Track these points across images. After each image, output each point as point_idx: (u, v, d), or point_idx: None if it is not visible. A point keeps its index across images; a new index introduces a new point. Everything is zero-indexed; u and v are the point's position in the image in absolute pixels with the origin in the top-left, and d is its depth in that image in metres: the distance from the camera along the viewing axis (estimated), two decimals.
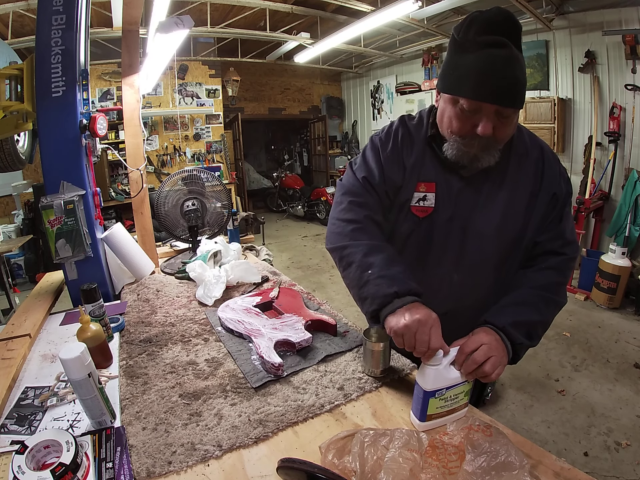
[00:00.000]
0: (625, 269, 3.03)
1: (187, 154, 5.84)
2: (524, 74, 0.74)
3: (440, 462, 0.59)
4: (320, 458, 0.63)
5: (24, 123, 1.33)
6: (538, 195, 0.86)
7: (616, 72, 3.53)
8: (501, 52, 0.70)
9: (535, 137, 0.91)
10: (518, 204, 0.86)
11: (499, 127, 0.75)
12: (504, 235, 0.87)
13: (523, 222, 0.87)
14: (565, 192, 0.88)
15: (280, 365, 0.87)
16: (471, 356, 0.68)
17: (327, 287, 3.92)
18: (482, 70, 0.71)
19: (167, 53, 1.68)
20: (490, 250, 0.89)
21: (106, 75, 5.14)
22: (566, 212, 0.89)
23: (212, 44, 5.57)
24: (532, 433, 1.88)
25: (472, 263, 0.90)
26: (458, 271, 0.91)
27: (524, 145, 0.88)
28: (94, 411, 0.72)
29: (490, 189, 0.86)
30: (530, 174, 0.86)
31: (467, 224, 0.87)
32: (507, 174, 0.86)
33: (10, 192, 4.58)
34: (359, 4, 3.75)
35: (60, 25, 1.24)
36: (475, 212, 0.87)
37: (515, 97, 0.72)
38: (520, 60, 0.72)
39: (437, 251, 0.90)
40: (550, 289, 0.83)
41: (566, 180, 0.90)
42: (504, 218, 0.86)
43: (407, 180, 0.90)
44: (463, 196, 0.87)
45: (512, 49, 0.70)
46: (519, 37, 0.73)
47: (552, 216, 0.87)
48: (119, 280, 1.51)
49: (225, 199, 1.83)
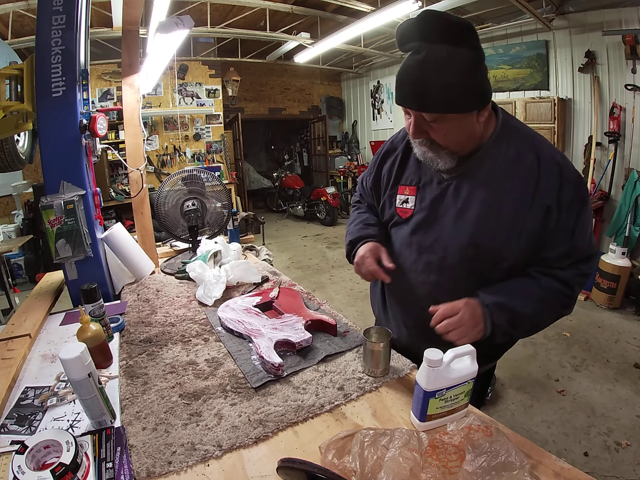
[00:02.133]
0: (625, 269, 3.03)
1: (187, 154, 5.84)
2: (446, 75, 0.70)
3: (440, 462, 0.59)
4: (320, 458, 0.63)
5: (24, 123, 1.33)
6: (531, 205, 0.79)
7: (616, 72, 3.53)
8: (416, 58, 0.70)
9: (534, 141, 0.82)
10: (502, 213, 0.80)
11: (432, 130, 0.77)
12: (481, 244, 0.83)
13: (508, 231, 0.80)
14: (570, 201, 0.78)
15: (280, 365, 0.87)
16: (445, 322, 0.77)
17: (327, 287, 3.92)
18: (398, 77, 0.74)
19: (167, 53, 1.68)
20: (465, 258, 0.85)
21: (106, 75, 5.14)
22: (580, 222, 0.80)
23: (212, 44, 5.57)
24: (532, 433, 1.88)
25: (448, 267, 0.88)
26: (436, 273, 0.90)
27: (516, 149, 0.81)
28: (94, 411, 0.72)
29: (468, 196, 0.84)
30: (522, 180, 0.79)
31: (440, 229, 0.88)
32: (491, 181, 0.82)
33: (10, 192, 4.57)
34: (359, 4, 3.76)
35: (60, 25, 1.24)
36: (448, 217, 0.86)
37: (425, 101, 0.72)
38: (434, 63, 0.69)
39: (415, 251, 0.93)
40: (552, 294, 0.82)
41: (575, 186, 0.79)
42: (480, 227, 0.82)
43: (392, 185, 0.96)
44: (438, 199, 0.88)
45: (427, 53, 0.69)
46: (448, 34, 0.69)
47: (555, 230, 0.79)
48: (119, 280, 1.51)
49: (225, 199, 1.83)
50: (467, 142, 0.81)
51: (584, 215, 0.80)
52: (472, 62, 0.71)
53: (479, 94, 0.73)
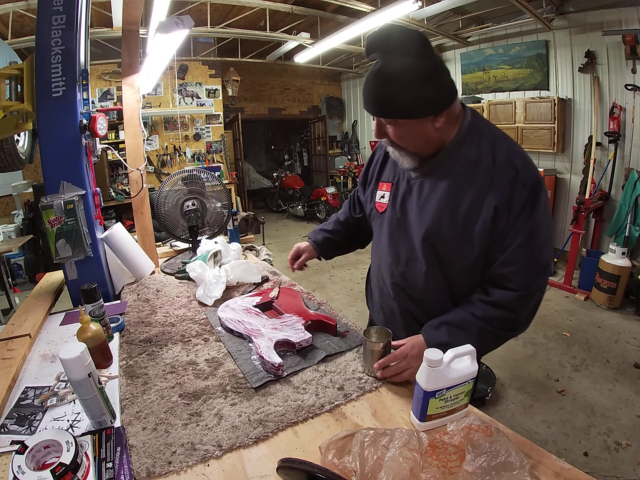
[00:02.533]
0: (625, 269, 3.03)
1: (187, 154, 5.84)
2: (396, 84, 0.75)
3: (440, 462, 0.59)
4: (320, 458, 0.63)
5: (24, 123, 1.33)
6: (483, 205, 0.81)
7: (616, 72, 3.53)
8: (373, 68, 0.77)
9: (496, 144, 0.84)
10: (458, 212, 0.84)
11: (391, 133, 0.83)
12: (436, 239, 0.87)
13: (464, 231, 0.83)
14: (522, 207, 0.78)
15: (280, 365, 0.87)
16: (395, 364, 0.84)
17: (327, 287, 3.92)
18: (364, 83, 0.81)
19: (167, 53, 1.68)
20: (423, 250, 0.89)
21: (106, 75, 5.14)
22: (528, 231, 0.79)
23: (212, 44, 5.57)
24: (532, 433, 1.88)
25: (410, 259, 0.94)
26: (404, 265, 0.95)
27: (478, 151, 0.83)
28: (94, 411, 0.72)
29: (430, 193, 0.88)
30: (478, 182, 0.82)
31: (407, 223, 0.93)
32: (450, 180, 0.85)
33: (10, 192, 4.57)
34: (359, 4, 3.75)
35: (60, 25, 1.24)
36: (412, 213, 0.92)
37: (379, 107, 0.80)
38: (387, 72, 0.75)
39: (386, 242, 1.00)
40: (493, 323, 0.84)
41: (530, 191, 0.78)
42: (436, 223, 0.86)
43: (374, 182, 1.05)
44: (407, 198, 0.94)
45: (382, 64, 0.75)
46: (400, 45, 0.75)
47: (504, 232, 0.80)
48: (119, 280, 1.51)
49: (225, 199, 1.83)
50: (425, 145, 0.85)
51: (534, 224, 0.80)
52: (425, 72, 0.75)
53: (431, 101, 0.77)
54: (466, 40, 4.75)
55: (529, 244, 0.80)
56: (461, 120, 0.85)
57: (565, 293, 3.46)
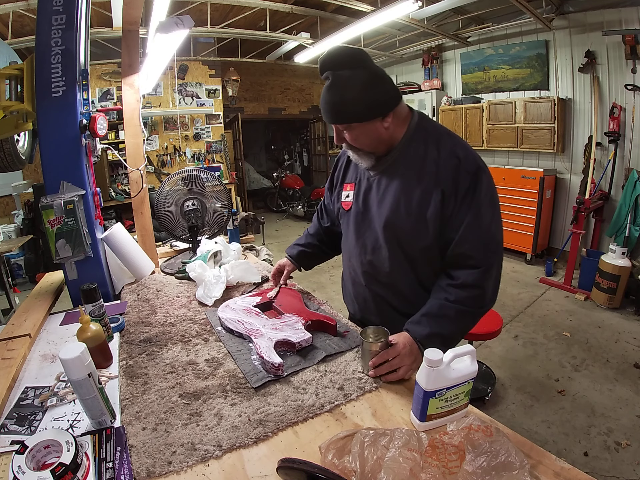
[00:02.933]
0: (625, 269, 3.03)
1: (187, 154, 5.83)
2: (346, 93, 0.88)
3: (440, 462, 0.59)
4: (320, 458, 0.63)
5: (24, 123, 1.33)
6: (433, 191, 0.92)
7: (616, 72, 3.52)
8: (326, 84, 0.91)
9: (441, 139, 0.95)
10: (412, 200, 0.95)
11: (348, 137, 0.96)
12: (395, 225, 0.98)
13: (418, 216, 0.94)
14: (466, 190, 0.89)
15: (280, 365, 0.87)
16: (388, 362, 0.86)
17: (327, 287, 3.92)
18: (320, 99, 0.94)
19: (167, 53, 1.68)
20: (386, 237, 1.00)
21: (106, 75, 5.14)
22: (474, 211, 0.90)
23: (212, 44, 5.57)
24: (532, 433, 1.88)
25: (375, 247, 1.04)
26: (370, 253, 1.06)
27: (424, 147, 0.95)
28: (94, 411, 0.72)
29: (387, 187, 1.00)
30: (426, 172, 0.94)
31: (370, 216, 1.04)
32: (402, 174, 0.97)
33: (10, 192, 4.57)
34: (359, 4, 3.75)
35: (60, 25, 1.24)
36: (374, 206, 1.03)
37: (334, 116, 0.92)
38: (338, 85, 0.88)
39: (355, 235, 1.10)
40: (465, 303, 0.92)
41: (472, 177, 0.90)
42: (394, 213, 0.97)
43: (339, 185, 1.17)
44: (368, 194, 1.05)
45: (333, 78, 0.88)
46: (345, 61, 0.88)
47: (453, 214, 0.91)
48: (119, 280, 1.51)
49: (225, 199, 1.83)
50: (378, 144, 0.97)
51: (479, 205, 0.90)
52: (369, 81, 0.88)
53: (377, 105, 0.90)
54: (466, 40, 4.75)
55: (477, 222, 0.91)
56: (409, 121, 0.98)
57: (565, 293, 3.46)
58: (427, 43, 5.05)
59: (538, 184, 3.91)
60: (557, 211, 4.23)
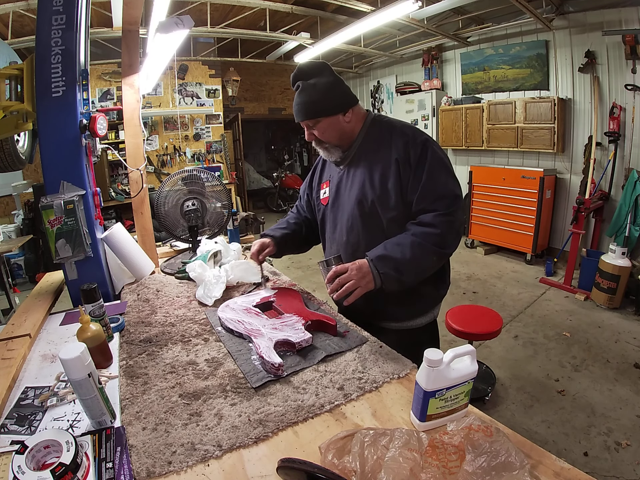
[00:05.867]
0: (625, 269, 3.03)
1: (187, 154, 5.83)
2: (313, 94, 1.09)
3: (440, 462, 0.59)
4: (320, 458, 0.63)
5: (24, 123, 1.33)
6: (390, 165, 1.09)
7: (616, 72, 3.52)
8: (298, 90, 1.11)
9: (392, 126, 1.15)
10: (374, 177, 1.12)
11: (315, 132, 1.14)
12: (364, 202, 1.13)
13: (381, 189, 1.10)
14: (418, 157, 1.06)
15: (280, 365, 0.87)
16: (337, 280, 0.98)
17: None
18: (293, 105, 1.13)
19: (167, 53, 1.68)
20: (357, 214, 1.15)
21: (106, 75, 5.14)
22: (428, 172, 1.05)
23: (212, 44, 5.57)
24: (532, 433, 1.88)
25: (350, 226, 1.18)
26: (346, 234, 1.19)
27: (380, 134, 1.15)
28: (94, 411, 0.72)
29: (354, 173, 1.18)
30: (383, 151, 1.12)
31: (342, 201, 1.20)
32: (365, 159, 1.15)
33: (10, 192, 4.57)
34: (359, 4, 3.75)
35: (60, 25, 1.24)
36: (345, 193, 1.19)
37: (304, 113, 1.11)
38: (306, 89, 1.09)
39: (333, 223, 1.25)
40: (421, 237, 1.02)
41: (422, 148, 1.06)
42: (361, 190, 1.14)
43: (317, 186, 1.33)
44: (339, 183, 1.22)
45: (302, 86, 1.09)
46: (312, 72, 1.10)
47: (410, 178, 1.07)
48: (119, 280, 1.51)
49: (225, 199, 1.83)
50: (342, 136, 1.15)
51: (431, 167, 1.06)
52: (330, 84, 1.10)
53: (337, 103, 1.11)
54: (466, 40, 4.75)
55: (432, 181, 1.05)
56: (365, 119, 1.18)
57: (565, 293, 3.46)
58: (427, 43, 5.05)
59: (538, 184, 3.91)
60: (557, 211, 4.22)
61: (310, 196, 1.37)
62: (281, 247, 1.35)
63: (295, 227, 1.38)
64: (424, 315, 1.23)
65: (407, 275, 1.02)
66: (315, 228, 1.37)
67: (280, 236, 1.34)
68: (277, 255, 1.38)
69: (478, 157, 4.91)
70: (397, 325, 1.21)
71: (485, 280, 3.87)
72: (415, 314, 1.21)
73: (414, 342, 1.07)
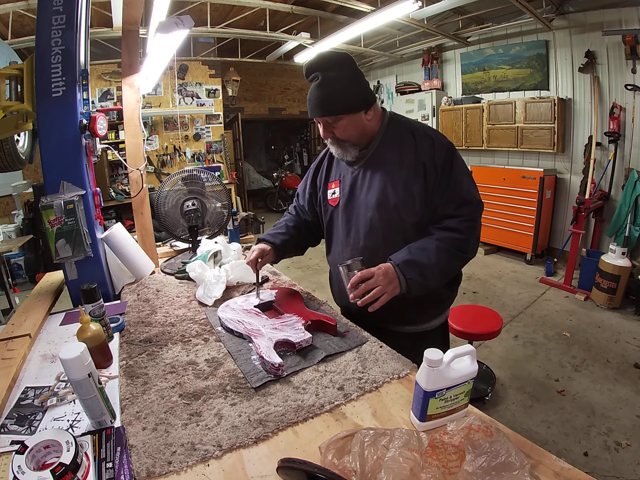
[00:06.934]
0: (625, 269, 3.03)
1: (187, 154, 5.83)
2: (335, 89, 0.99)
3: (440, 462, 0.59)
4: (320, 458, 0.63)
5: (24, 123, 1.33)
6: (415, 167, 1.04)
7: (616, 72, 3.52)
8: (316, 82, 1.01)
9: (411, 127, 1.09)
10: (396, 180, 1.05)
11: (334, 130, 1.05)
12: (386, 205, 1.06)
13: (405, 193, 1.04)
14: (443, 162, 1.03)
15: (280, 365, 0.87)
16: (364, 283, 0.93)
17: (327, 287, 3.89)
18: (307, 98, 1.04)
19: (167, 53, 1.68)
20: (377, 218, 1.08)
21: (106, 75, 5.14)
22: (453, 178, 1.03)
23: (212, 44, 5.57)
24: (532, 433, 1.88)
25: (368, 230, 1.11)
26: (363, 238, 1.12)
27: (399, 134, 1.09)
28: (94, 411, 0.72)
29: (372, 175, 1.10)
30: (405, 153, 1.06)
31: (358, 204, 1.12)
32: (384, 160, 1.08)
33: (10, 192, 4.57)
34: (359, 4, 3.75)
35: (60, 25, 1.24)
36: (362, 194, 1.11)
37: (325, 109, 1.01)
38: (327, 82, 0.99)
39: (345, 226, 1.16)
40: (446, 242, 1.00)
41: (446, 152, 1.03)
42: (382, 193, 1.07)
43: (323, 185, 1.23)
44: (353, 184, 1.14)
45: (322, 78, 0.99)
46: (333, 63, 1.00)
47: (436, 183, 1.03)
48: (119, 280, 1.51)
49: (225, 199, 1.83)
50: (362, 135, 1.08)
51: (457, 172, 1.04)
52: (354, 78, 1.02)
53: (361, 99, 1.03)
54: (466, 40, 4.75)
55: (458, 186, 1.03)
56: (382, 117, 1.11)
57: (565, 293, 3.46)
58: (427, 43, 5.05)
59: (538, 184, 3.91)
60: (557, 211, 4.22)
61: (314, 196, 1.28)
62: (280, 254, 1.30)
63: (295, 231, 1.30)
64: (438, 317, 1.21)
65: (432, 280, 1.00)
66: (315, 231, 1.32)
67: (280, 243, 1.27)
68: (275, 262, 1.32)
69: (478, 157, 4.91)
70: (412, 329, 1.17)
71: (485, 280, 3.87)
72: (431, 317, 1.19)
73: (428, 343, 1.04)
